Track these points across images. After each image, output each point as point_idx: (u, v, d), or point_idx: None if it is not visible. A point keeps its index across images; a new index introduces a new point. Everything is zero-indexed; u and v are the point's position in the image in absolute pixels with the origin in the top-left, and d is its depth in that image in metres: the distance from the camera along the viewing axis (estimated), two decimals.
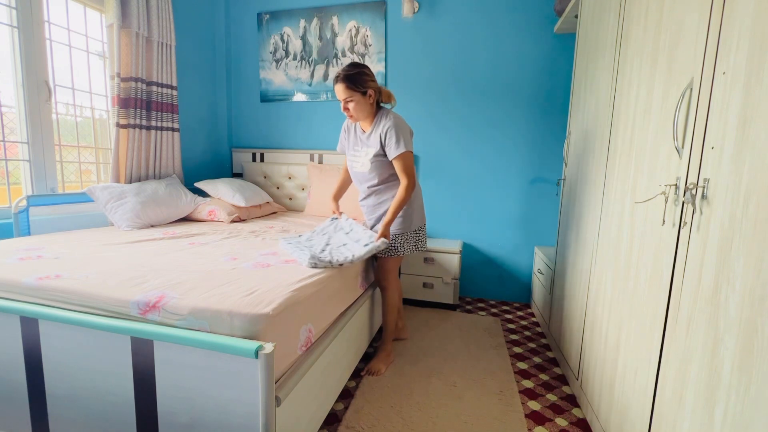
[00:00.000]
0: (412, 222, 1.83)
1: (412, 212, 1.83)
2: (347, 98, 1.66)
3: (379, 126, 1.72)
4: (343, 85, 1.65)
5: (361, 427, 1.47)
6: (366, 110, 1.71)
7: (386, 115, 1.73)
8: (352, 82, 1.64)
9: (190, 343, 0.98)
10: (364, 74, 1.67)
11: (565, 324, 1.89)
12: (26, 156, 2.02)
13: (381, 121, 1.72)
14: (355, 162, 1.84)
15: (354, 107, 1.68)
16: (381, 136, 1.71)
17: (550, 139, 2.66)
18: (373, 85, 1.70)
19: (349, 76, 1.64)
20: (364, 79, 1.67)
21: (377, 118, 1.75)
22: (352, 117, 1.73)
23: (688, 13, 0.97)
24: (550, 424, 1.53)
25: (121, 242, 1.74)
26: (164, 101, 2.55)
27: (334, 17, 2.95)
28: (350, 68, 1.66)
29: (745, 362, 0.71)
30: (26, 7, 1.95)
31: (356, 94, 1.66)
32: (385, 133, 1.69)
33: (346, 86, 1.64)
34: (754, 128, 0.73)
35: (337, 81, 1.66)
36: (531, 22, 2.61)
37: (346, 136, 1.91)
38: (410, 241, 1.84)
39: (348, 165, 1.91)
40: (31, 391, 1.19)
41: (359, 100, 1.67)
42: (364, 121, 1.78)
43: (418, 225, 1.87)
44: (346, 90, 1.65)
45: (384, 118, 1.72)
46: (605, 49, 1.58)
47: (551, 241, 2.70)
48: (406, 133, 1.72)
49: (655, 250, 1.07)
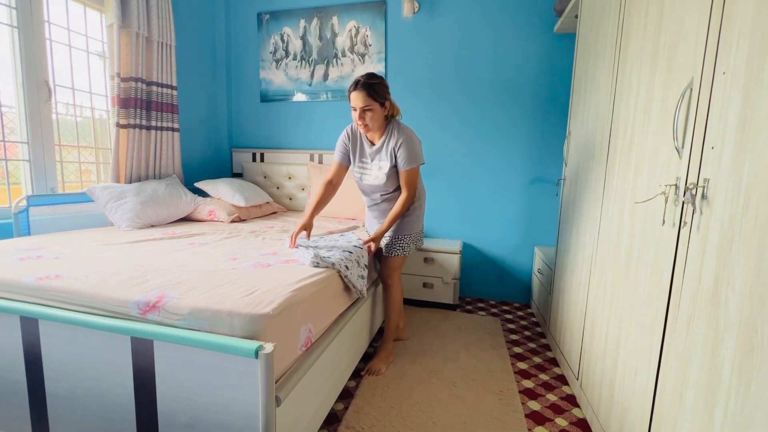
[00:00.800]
0: (415, 224, 1.89)
1: (420, 215, 1.90)
2: (366, 106, 1.63)
3: (392, 139, 1.71)
4: (364, 92, 1.62)
5: (361, 427, 1.47)
6: (380, 121, 1.70)
7: (398, 127, 1.72)
8: (374, 90, 1.63)
9: (190, 343, 0.98)
10: (384, 86, 1.68)
11: (565, 324, 1.89)
12: (26, 156, 2.02)
13: (393, 133, 1.71)
14: (364, 174, 1.83)
15: (371, 117, 1.65)
16: (394, 149, 1.70)
17: (550, 138, 2.66)
18: (389, 97, 1.71)
19: (371, 84, 1.63)
20: (384, 90, 1.67)
21: (388, 130, 1.73)
22: (366, 126, 1.69)
23: (688, 13, 0.97)
24: (550, 424, 1.53)
25: (121, 242, 1.73)
26: (164, 101, 2.55)
27: (334, 17, 2.95)
28: (371, 77, 1.64)
29: (745, 362, 0.71)
30: (26, 7, 1.95)
31: (375, 103, 1.64)
32: (399, 146, 1.69)
33: (367, 94, 1.62)
34: (754, 128, 0.73)
35: (356, 88, 1.63)
36: (531, 22, 2.61)
37: (350, 147, 1.83)
38: (412, 242, 1.89)
39: (355, 177, 1.87)
40: (31, 391, 1.19)
41: (377, 111, 1.66)
42: (376, 133, 1.75)
43: (421, 226, 1.94)
44: (367, 98, 1.62)
45: (397, 131, 1.71)
46: (605, 49, 1.58)
47: (551, 241, 2.70)
48: (419, 147, 1.74)
49: (655, 250, 1.07)
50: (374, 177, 1.79)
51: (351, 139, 1.84)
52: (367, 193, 1.89)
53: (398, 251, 1.86)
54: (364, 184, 1.85)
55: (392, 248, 1.87)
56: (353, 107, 1.67)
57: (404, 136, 1.69)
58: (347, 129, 1.85)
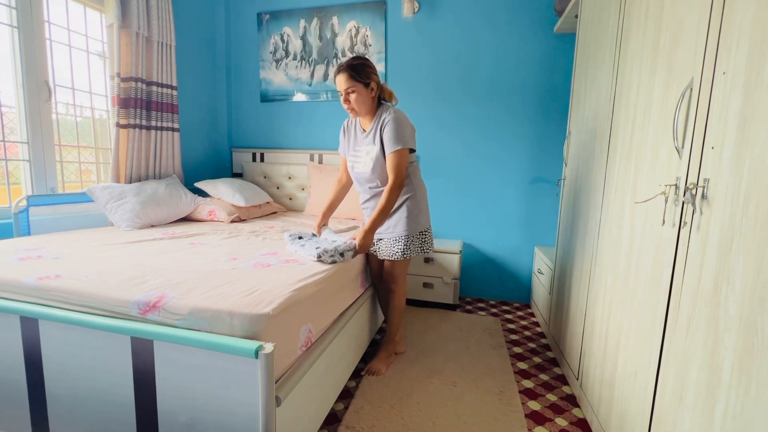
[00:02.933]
0: (418, 223, 1.77)
1: (418, 213, 1.77)
2: (349, 88, 1.62)
3: (380, 121, 1.67)
4: (346, 74, 1.61)
5: (361, 427, 1.47)
6: (368, 104, 1.66)
7: (387, 110, 1.68)
8: (356, 71, 1.61)
9: (190, 343, 0.98)
10: (368, 66, 1.65)
11: (565, 324, 1.89)
12: (26, 156, 2.02)
13: (381, 115, 1.68)
14: (356, 162, 1.78)
15: (355, 99, 1.63)
16: (380, 131, 1.66)
17: (550, 139, 2.66)
18: (376, 78, 1.68)
19: (352, 65, 1.62)
20: (368, 71, 1.64)
21: (378, 114, 1.69)
22: (353, 111, 1.67)
23: (688, 13, 0.97)
24: (550, 424, 1.53)
25: (121, 242, 1.74)
26: (164, 101, 2.55)
27: (334, 17, 2.95)
28: (354, 59, 1.64)
29: (745, 362, 0.71)
30: (26, 7, 1.95)
31: (358, 84, 1.62)
32: (383, 126, 1.64)
33: (349, 75, 1.61)
34: (754, 128, 0.73)
35: (339, 71, 1.62)
36: (531, 22, 2.61)
37: (346, 137, 1.85)
38: (416, 243, 1.77)
39: (348, 167, 1.85)
40: (31, 391, 1.19)
41: (361, 92, 1.63)
42: (365, 117, 1.73)
43: (425, 227, 1.80)
44: (349, 80, 1.61)
45: (385, 113, 1.67)
46: (605, 49, 1.58)
47: (551, 241, 2.70)
48: (407, 129, 1.66)
49: (655, 250, 1.07)
50: (363, 164, 1.74)
51: (346, 131, 1.84)
52: (361, 183, 1.82)
53: (397, 254, 1.74)
54: (355, 173, 1.81)
55: (389, 251, 1.77)
56: (339, 92, 1.67)
57: (391, 116, 1.64)
58: (344, 122, 1.87)
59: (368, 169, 1.72)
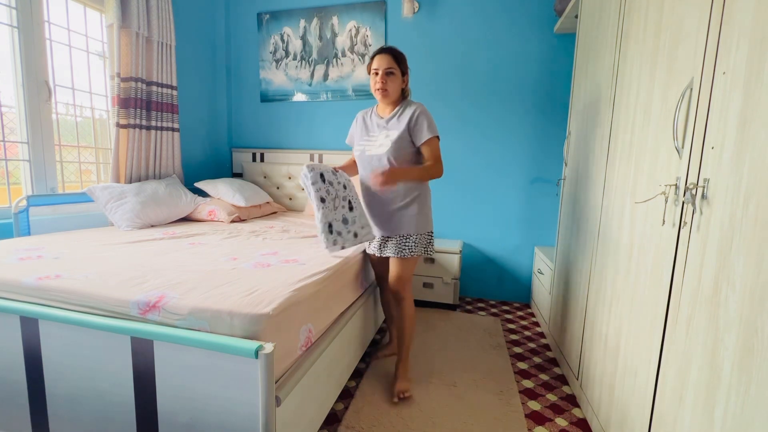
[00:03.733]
0: (427, 222, 1.76)
1: (428, 212, 1.77)
2: (389, 68, 1.65)
3: (407, 111, 1.70)
4: (390, 55, 1.65)
5: (361, 427, 1.47)
6: (398, 90, 1.70)
7: (413, 103, 1.73)
8: (398, 57, 1.67)
9: (190, 343, 0.98)
10: (406, 60, 1.72)
11: (565, 324, 1.89)
12: (26, 156, 2.02)
13: (410, 106, 1.72)
14: (369, 146, 1.75)
15: (392, 81, 1.67)
16: (411, 120, 1.68)
17: (550, 139, 2.66)
18: (408, 73, 1.74)
19: (396, 51, 1.68)
20: (406, 63, 1.71)
21: (402, 105, 1.74)
22: (384, 91, 1.67)
23: (688, 13, 0.97)
24: (550, 424, 1.53)
25: (121, 242, 1.73)
26: (164, 101, 2.55)
27: (334, 17, 2.95)
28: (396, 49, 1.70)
29: (745, 362, 0.71)
30: (26, 7, 1.95)
31: (398, 69, 1.67)
32: (416, 118, 1.67)
33: (393, 57, 1.65)
34: (754, 128, 0.73)
35: (383, 51, 1.66)
36: (531, 22, 2.61)
37: (358, 125, 1.84)
38: (422, 243, 1.74)
39: (358, 152, 1.80)
40: (31, 391, 1.19)
41: (398, 78, 1.68)
42: (389, 103, 1.74)
43: (431, 228, 1.79)
44: (392, 60, 1.65)
45: (413, 104, 1.72)
46: (605, 49, 1.58)
47: (551, 241, 2.70)
48: (433, 121, 1.72)
49: (655, 250, 1.07)
50: (379, 145, 1.72)
51: (359, 121, 1.84)
52: (366, 169, 1.76)
53: (404, 252, 1.70)
54: (366, 156, 1.75)
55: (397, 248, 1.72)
56: (375, 70, 1.67)
57: (421, 108, 1.69)
58: (359, 113, 1.87)
59: (384, 150, 1.70)
